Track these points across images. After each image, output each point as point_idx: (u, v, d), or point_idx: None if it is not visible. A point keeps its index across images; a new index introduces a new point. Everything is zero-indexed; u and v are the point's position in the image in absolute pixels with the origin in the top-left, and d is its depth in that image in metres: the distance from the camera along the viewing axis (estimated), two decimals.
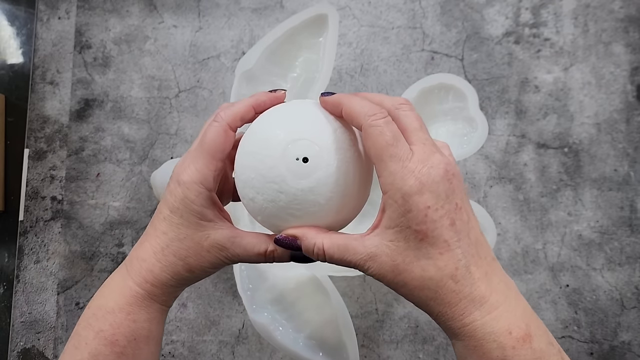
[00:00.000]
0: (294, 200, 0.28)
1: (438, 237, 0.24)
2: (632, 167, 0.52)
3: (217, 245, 0.29)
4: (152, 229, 0.30)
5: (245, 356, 0.51)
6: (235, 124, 0.29)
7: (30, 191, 0.53)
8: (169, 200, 0.29)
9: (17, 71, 0.55)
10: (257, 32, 0.54)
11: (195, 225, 0.29)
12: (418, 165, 0.25)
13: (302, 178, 0.27)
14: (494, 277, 0.25)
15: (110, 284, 0.30)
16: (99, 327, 0.29)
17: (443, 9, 0.54)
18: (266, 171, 0.28)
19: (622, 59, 0.53)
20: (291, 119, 0.29)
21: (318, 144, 0.27)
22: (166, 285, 0.30)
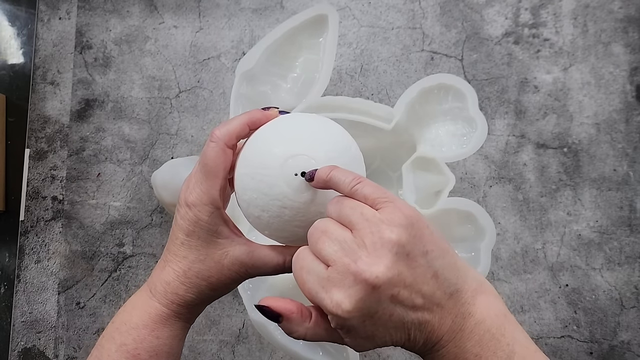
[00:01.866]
0: (298, 214, 0.29)
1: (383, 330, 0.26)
2: (631, 167, 0.52)
3: (237, 261, 0.30)
4: (171, 255, 0.31)
5: (245, 355, 0.51)
6: (231, 142, 0.30)
7: (31, 191, 0.53)
8: (183, 225, 0.30)
9: (17, 71, 0.55)
10: (257, 32, 0.55)
11: (213, 244, 0.30)
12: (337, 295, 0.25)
13: (303, 192, 0.28)
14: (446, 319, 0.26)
15: (134, 303, 0.31)
16: (122, 340, 0.30)
17: (443, 9, 0.54)
18: (268, 190, 0.29)
19: (622, 59, 0.53)
20: (285, 135, 0.30)
21: (314, 157, 0.29)
22: (191, 304, 0.31)
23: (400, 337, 0.26)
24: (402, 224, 0.25)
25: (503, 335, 0.26)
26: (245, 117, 0.31)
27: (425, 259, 0.26)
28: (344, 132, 0.32)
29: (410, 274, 0.25)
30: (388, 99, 0.53)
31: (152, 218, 0.52)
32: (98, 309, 0.51)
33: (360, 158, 0.32)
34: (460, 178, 0.52)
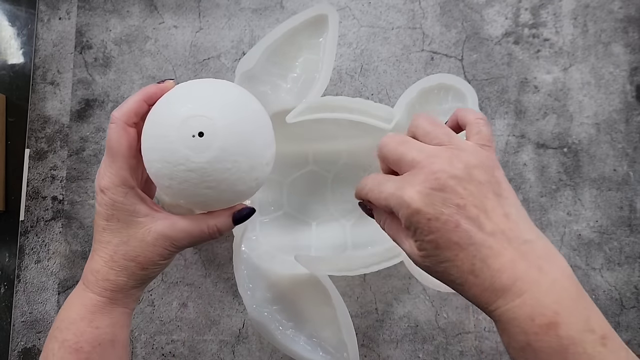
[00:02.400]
0: (205, 174, 0.29)
1: (448, 241, 0.26)
2: (632, 167, 0.52)
3: (160, 236, 0.31)
4: (97, 243, 0.31)
5: (245, 355, 0.51)
6: (130, 120, 0.31)
7: (31, 191, 0.53)
8: (101, 211, 0.31)
9: (17, 71, 0.55)
10: (257, 32, 0.55)
11: (134, 224, 0.31)
12: (407, 191, 0.27)
13: (204, 151, 0.29)
14: (521, 264, 0.25)
15: (70, 300, 0.31)
16: (62, 337, 0.30)
17: (443, 9, 0.54)
18: (170, 156, 0.29)
19: (622, 59, 0.53)
20: (179, 101, 0.30)
21: (209, 116, 0.29)
22: (125, 288, 0.31)
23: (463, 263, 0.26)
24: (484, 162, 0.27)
25: (580, 297, 0.25)
26: (140, 93, 0.31)
27: (498, 200, 0.27)
28: (242, 91, 0.32)
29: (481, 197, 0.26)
30: (388, 99, 0.53)
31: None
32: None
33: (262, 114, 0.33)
34: None
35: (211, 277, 0.52)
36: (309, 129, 0.48)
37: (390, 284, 0.51)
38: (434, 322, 0.51)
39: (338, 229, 0.50)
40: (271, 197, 0.51)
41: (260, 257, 0.45)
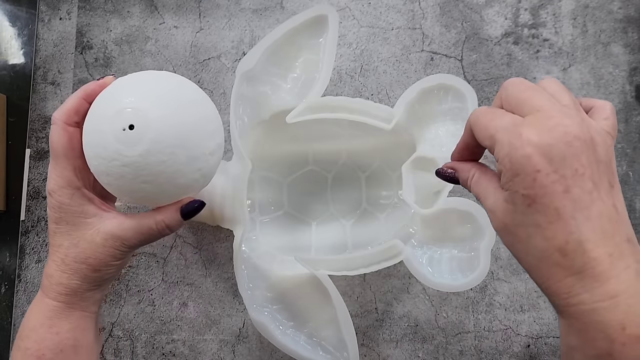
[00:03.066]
0: (139, 168, 0.28)
1: (548, 204, 0.22)
2: (631, 167, 0.52)
3: (109, 236, 0.30)
4: (50, 247, 0.31)
5: (245, 355, 0.51)
6: (70, 119, 0.30)
7: (31, 191, 0.53)
8: (50, 214, 0.30)
9: (18, 71, 0.55)
10: (257, 32, 0.55)
11: (83, 225, 0.30)
12: (527, 129, 0.23)
13: (136, 144, 0.28)
14: (620, 262, 0.22)
15: (31, 308, 0.31)
16: (24, 346, 0.30)
17: (442, 9, 0.54)
18: (103, 152, 0.28)
19: (621, 59, 0.53)
20: (111, 95, 0.30)
21: (140, 107, 0.28)
22: (79, 291, 0.30)
23: (555, 236, 0.22)
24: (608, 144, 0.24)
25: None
26: (79, 91, 0.31)
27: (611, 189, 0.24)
28: (181, 81, 0.31)
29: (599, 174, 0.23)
30: (388, 99, 0.54)
31: None
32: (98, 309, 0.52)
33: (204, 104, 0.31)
34: None
35: (211, 277, 0.52)
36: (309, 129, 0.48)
37: (390, 284, 0.51)
38: (434, 322, 0.51)
39: (338, 229, 0.50)
40: (271, 197, 0.51)
41: (260, 257, 0.45)
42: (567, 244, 0.22)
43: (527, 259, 0.24)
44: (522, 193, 0.23)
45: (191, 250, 0.52)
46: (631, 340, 0.21)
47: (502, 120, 0.24)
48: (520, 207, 0.23)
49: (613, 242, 0.22)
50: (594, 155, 0.23)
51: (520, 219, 0.23)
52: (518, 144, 0.23)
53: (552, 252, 0.23)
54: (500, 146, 0.24)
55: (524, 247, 0.24)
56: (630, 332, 0.21)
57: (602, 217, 0.23)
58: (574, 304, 0.22)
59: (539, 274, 0.24)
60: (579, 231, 0.22)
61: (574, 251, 0.22)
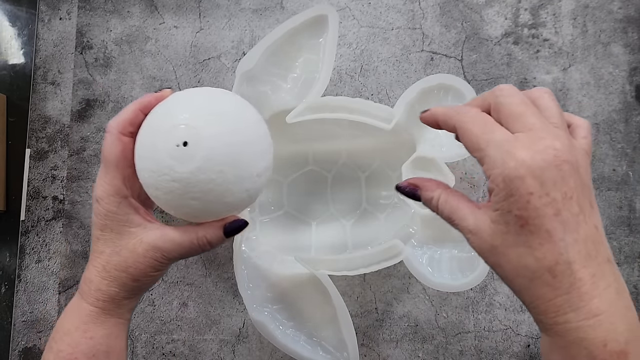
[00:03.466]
0: (189, 184, 0.28)
1: (540, 226, 0.23)
2: (631, 167, 0.52)
3: (151, 247, 0.30)
4: (92, 253, 0.31)
5: (245, 355, 0.51)
6: (126, 129, 0.31)
7: (31, 191, 0.53)
8: (96, 221, 0.30)
9: (18, 71, 0.55)
10: (257, 32, 0.55)
11: (127, 234, 0.30)
12: (520, 150, 0.23)
13: (187, 161, 0.28)
14: (601, 281, 0.23)
15: (66, 310, 0.32)
16: (57, 348, 0.30)
17: (442, 9, 0.54)
18: (155, 166, 0.29)
19: (621, 59, 0.53)
20: (167, 110, 0.30)
21: (193, 125, 0.28)
22: (117, 298, 0.31)
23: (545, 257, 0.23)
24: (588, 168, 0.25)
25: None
26: (136, 102, 0.31)
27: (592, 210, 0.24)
28: (237, 101, 0.31)
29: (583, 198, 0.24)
30: (388, 99, 0.54)
31: None
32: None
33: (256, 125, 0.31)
34: (460, 178, 0.53)
35: (211, 277, 0.52)
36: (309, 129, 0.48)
37: (390, 284, 0.51)
38: (434, 322, 0.51)
39: (338, 228, 0.50)
40: (271, 197, 0.51)
41: (260, 257, 0.45)
42: (557, 264, 0.23)
43: (517, 280, 0.24)
44: (516, 214, 0.23)
45: None
46: (612, 356, 0.22)
47: (494, 134, 0.24)
48: (512, 227, 0.24)
49: (596, 263, 0.23)
50: (580, 179, 0.24)
51: (512, 240, 0.24)
52: (512, 165, 0.23)
53: (542, 273, 0.23)
54: (492, 163, 0.24)
55: (514, 267, 0.24)
56: (611, 349, 0.22)
57: (587, 239, 0.23)
58: (561, 323, 0.23)
59: (528, 294, 0.24)
60: (567, 253, 0.23)
61: (562, 272, 0.23)
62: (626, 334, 0.23)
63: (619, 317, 0.23)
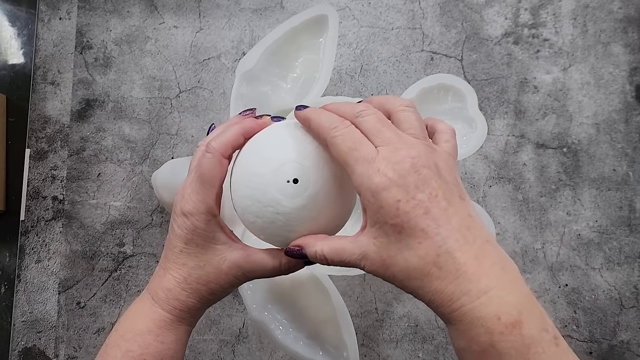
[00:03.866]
0: (291, 219, 0.30)
1: (414, 227, 0.25)
2: (631, 167, 0.52)
3: (234, 266, 0.31)
4: (171, 263, 0.31)
5: (245, 355, 0.51)
6: (227, 152, 0.31)
7: (31, 191, 0.53)
8: (180, 234, 0.31)
9: (18, 71, 0.55)
10: (257, 32, 0.55)
11: (211, 251, 0.31)
12: (382, 163, 0.26)
13: (295, 198, 0.29)
14: (485, 261, 0.25)
15: (137, 311, 0.32)
16: (127, 347, 0.30)
17: (442, 9, 0.54)
18: (261, 197, 0.30)
19: (621, 59, 0.53)
20: (277, 143, 0.31)
21: (304, 164, 0.30)
22: (193, 309, 0.32)
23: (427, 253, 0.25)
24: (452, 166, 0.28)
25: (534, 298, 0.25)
26: (239, 127, 0.32)
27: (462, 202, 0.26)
28: None
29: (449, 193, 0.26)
30: None
31: (152, 218, 0.53)
32: (98, 309, 0.52)
33: None
34: (460, 178, 0.52)
35: None
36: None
37: (390, 284, 0.51)
38: (434, 322, 0.51)
39: None
40: None
41: None
42: (439, 256, 0.25)
43: (411, 283, 0.26)
44: (391, 223, 0.25)
45: None
46: (507, 328, 0.23)
47: (360, 152, 0.27)
48: (392, 236, 0.26)
49: (476, 246, 0.25)
50: (441, 179, 0.26)
51: (395, 248, 0.26)
52: (377, 180, 0.25)
53: (429, 268, 0.25)
54: (360, 180, 0.26)
55: (405, 273, 0.26)
56: (506, 321, 0.23)
57: (461, 227, 0.25)
58: (457, 309, 0.24)
59: (424, 292, 0.25)
60: (446, 243, 0.25)
61: (446, 262, 0.24)
62: (518, 305, 0.24)
63: (509, 291, 0.24)
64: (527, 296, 0.25)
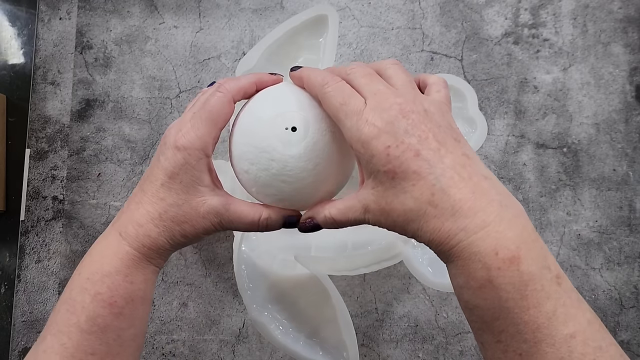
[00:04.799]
0: (285, 167, 0.30)
1: (406, 170, 0.25)
2: (631, 167, 0.52)
3: (213, 211, 0.30)
4: (148, 196, 0.30)
5: (245, 355, 0.51)
6: (238, 96, 0.31)
7: (31, 191, 0.53)
8: (167, 167, 0.30)
9: (18, 71, 0.55)
10: (257, 32, 0.55)
11: (193, 191, 0.30)
12: (370, 114, 0.26)
13: (292, 145, 0.30)
14: (482, 197, 0.24)
15: (102, 250, 0.30)
16: (95, 290, 0.29)
17: (442, 9, 0.54)
18: (258, 142, 0.30)
19: (621, 59, 0.53)
20: (282, 96, 0.32)
21: (305, 116, 0.30)
22: (162, 248, 0.30)
23: (422, 194, 0.25)
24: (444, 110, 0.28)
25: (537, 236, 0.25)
26: (254, 76, 0.32)
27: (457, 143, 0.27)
28: None
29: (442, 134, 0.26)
30: None
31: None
32: None
33: None
34: None
35: (211, 277, 0.52)
36: None
37: (390, 284, 0.51)
38: (434, 322, 0.51)
39: None
40: None
41: (260, 257, 0.45)
42: (434, 195, 0.25)
43: (410, 225, 0.26)
44: (384, 170, 0.26)
45: (191, 250, 0.52)
46: (505, 263, 0.23)
47: (349, 106, 0.27)
48: (386, 183, 0.26)
49: (472, 182, 0.25)
50: (432, 122, 0.26)
51: (392, 193, 0.26)
52: (366, 130, 0.26)
53: (425, 207, 0.25)
54: (350, 133, 0.27)
55: (403, 215, 0.26)
56: (504, 256, 0.23)
57: (455, 165, 0.25)
58: (455, 245, 0.24)
59: (423, 232, 0.26)
60: (439, 182, 0.25)
61: (441, 199, 0.24)
62: (516, 240, 0.24)
63: (507, 226, 0.24)
64: (528, 232, 0.25)
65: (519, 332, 0.23)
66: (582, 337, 0.23)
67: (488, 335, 0.25)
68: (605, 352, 0.23)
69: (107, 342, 0.28)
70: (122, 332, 0.29)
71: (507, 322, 0.23)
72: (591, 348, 0.23)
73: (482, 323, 0.25)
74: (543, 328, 0.23)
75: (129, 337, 0.29)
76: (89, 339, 0.28)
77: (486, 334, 0.25)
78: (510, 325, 0.23)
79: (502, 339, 0.24)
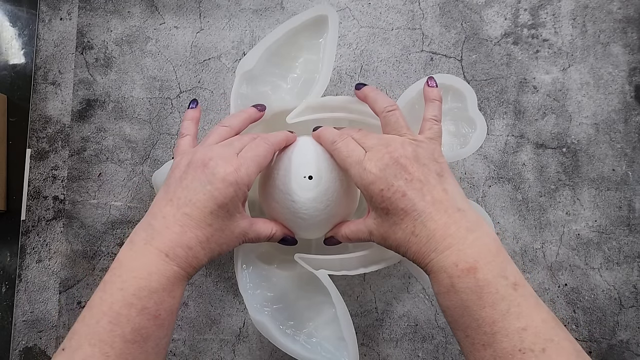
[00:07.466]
0: (303, 207, 0.39)
1: (396, 208, 0.33)
2: (630, 167, 0.52)
3: (243, 232, 0.37)
4: (195, 221, 0.34)
5: (245, 354, 0.51)
6: (277, 149, 0.40)
7: (32, 191, 0.53)
8: (217, 196, 0.34)
9: (19, 72, 0.55)
10: (257, 33, 0.55)
11: (233, 218, 0.36)
12: (368, 163, 0.35)
13: (308, 191, 0.39)
14: (452, 225, 0.32)
15: (149, 268, 0.33)
16: (142, 305, 0.32)
17: (442, 10, 0.54)
18: (282, 187, 0.39)
19: (621, 59, 0.53)
20: (302, 151, 0.40)
21: (319, 167, 0.39)
22: (203, 266, 0.36)
23: (407, 226, 0.33)
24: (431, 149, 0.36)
25: (499, 253, 0.31)
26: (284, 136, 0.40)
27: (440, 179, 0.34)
28: None
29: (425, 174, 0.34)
30: None
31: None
32: None
33: None
34: (460, 178, 0.53)
35: (212, 277, 0.52)
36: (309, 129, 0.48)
37: (389, 284, 0.51)
38: (434, 321, 0.51)
39: None
40: None
41: (260, 257, 0.45)
42: (415, 227, 0.33)
43: (401, 249, 0.34)
44: (380, 207, 0.34)
45: None
46: (463, 272, 0.31)
47: (352, 158, 0.36)
48: (383, 216, 0.34)
49: (447, 214, 0.33)
50: (418, 162, 0.34)
51: (387, 225, 0.34)
52: (365, 177, 0.35)
53: (409, 236, 0.33)
54: (355, 179, 0.36)
55: (396, 242, 0.34)
56: (462, 267, 0.31)
57: (435, 201, 0.33)
58: (428, 262, 0.33)
59: (409, 254, 0.34)
60: (420, 216, 0.33)
61: (420, 230, 0.33)
62: (475, 255, 0.31)
63: (468, 245, 0.31)
64: (489, 249, 0.31)
65: (479, 326, 0.29)
66: (533, 331, 0.28)
67: (459, 332, 0.31)
68: (557, 344, 0.28)
69: (146, 350, 0.32)
70: (160, 341, 0.33)
71: (470, 318, 0.30)
72: (542, 339, 0.28)
73: (454, 322, 0.31)
74: (498, 322, 0.29)
75: (164, 344, 0.34)
76: (132, 348, 0.31)
77: (458, 331, 0.31)
78: (472, 320, 0.30)
79: (469, 333, 0.30)
